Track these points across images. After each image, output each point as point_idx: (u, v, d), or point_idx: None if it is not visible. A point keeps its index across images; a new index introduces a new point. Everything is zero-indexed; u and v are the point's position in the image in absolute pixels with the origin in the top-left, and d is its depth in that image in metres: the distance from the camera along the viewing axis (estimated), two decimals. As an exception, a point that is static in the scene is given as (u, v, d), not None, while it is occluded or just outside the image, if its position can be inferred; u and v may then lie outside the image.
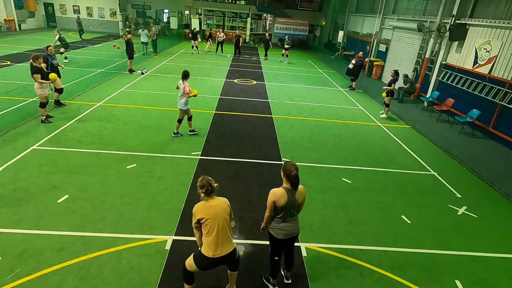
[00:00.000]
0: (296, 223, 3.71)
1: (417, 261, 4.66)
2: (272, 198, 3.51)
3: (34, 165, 6.19)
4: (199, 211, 3.26)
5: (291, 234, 3.67)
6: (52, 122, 8.25)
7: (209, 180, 3.31)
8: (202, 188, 3.27)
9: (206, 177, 3.33)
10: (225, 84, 13.79)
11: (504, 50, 9.65)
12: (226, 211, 3.37)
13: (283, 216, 3.59)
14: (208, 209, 3.26)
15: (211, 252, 3.25)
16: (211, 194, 3.31)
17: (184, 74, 7.51)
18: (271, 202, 3.53)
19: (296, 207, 3.65)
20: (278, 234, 3.65)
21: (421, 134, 9.83)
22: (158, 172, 6.33)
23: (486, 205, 6.34)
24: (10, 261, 4.00)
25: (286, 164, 3.55)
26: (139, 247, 4.42)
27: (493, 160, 8.48)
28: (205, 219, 3.24)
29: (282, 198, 3.48)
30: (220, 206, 3.33)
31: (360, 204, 5.90)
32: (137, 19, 29.10)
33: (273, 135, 8.73)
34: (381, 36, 18.87)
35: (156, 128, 8.48)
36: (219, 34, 21.30)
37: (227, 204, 3.43)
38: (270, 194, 3.53)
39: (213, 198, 3.34)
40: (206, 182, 3.27)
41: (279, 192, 3.50)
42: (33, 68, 7.73)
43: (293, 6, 30.18)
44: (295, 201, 3.56)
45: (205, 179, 3.30)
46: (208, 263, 3.31)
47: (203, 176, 3.36)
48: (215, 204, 3.31)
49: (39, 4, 26.85)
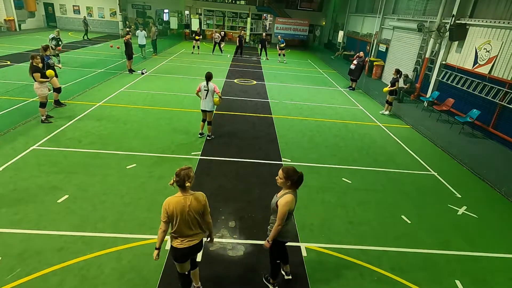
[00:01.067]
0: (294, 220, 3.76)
1: (417, 261, 4.66)
2: (288, 206, 3.36)
3: (34, 165, 6.19)
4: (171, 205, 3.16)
5: (296, 236, 3.72)
6: (52, 122, 8.26)
7: (187, 175, 3.17)
8: (177, 176, 3.17)
9: (187, 171, 3.20)
10: (225, 84, 13.79)
11: (504, 50, 9.65)
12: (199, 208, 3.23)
13: (289, 219, 3.56)
14: (179, 204, 3.16)
15: (178, 242, 3.26)
16: (184, 189, 3.18)
17: (208, 76, 7.40)
18: (286, 212, 3.37)
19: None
20: (288, 236, 3.63)
21: (421, 134, 9.83)
22: (158, 172, 6.33)
23: (486, 205, 6.34)
24: (10, 261, 4.00)
25: (289, 170, 3.39)
26: (139, 247, 4.42)
27: (493, 160, 8.48)
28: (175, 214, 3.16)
29: (293, 203, 3.44)
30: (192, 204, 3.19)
31: (360, 204, 5.91)
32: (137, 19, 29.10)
33: (273, 135, 8.73)
34: (381, 36, 18.87)
35: (156, 128, 8.48)
36: (215, 34, 21.20)
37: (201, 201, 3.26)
38: (286, 204, 3.34)
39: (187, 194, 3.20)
40: (183, 175, 3.16)
41: (292, 200, 3.40)
42: (33, 67, 7.72)
43: (293, 6, 30.18)
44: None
45: (185, 171, 3.18)
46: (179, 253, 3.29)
47: (189, 168, 3.25)
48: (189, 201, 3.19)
49: (39, 4, 26.85)
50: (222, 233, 4.87)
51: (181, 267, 3.42)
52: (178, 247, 3.26)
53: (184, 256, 3.34)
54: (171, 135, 8.13)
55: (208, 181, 6.21)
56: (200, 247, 3.44)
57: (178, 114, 9.68)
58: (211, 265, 4.24)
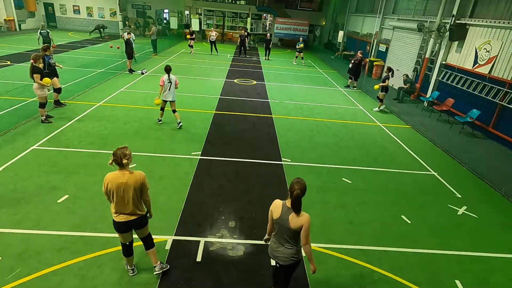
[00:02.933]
0: (286, 251, 3.22)
1: (417, 261, 4.66)
2: (271, 206, 3.26)
3: (34, 165, 6.19)
4: (108, 181, 3.52)
5: (275, 258, 3.30)
6: (52, 122, 8.26)
7: (123, 153, 3.48)
8: (114, 155, 3.48)
9: (123, 149, 3.51)
10: (225, 84, 13.79)
11: (504, 50, 9.65)
12: (135, 186, 3.54)
13: (276, 234, 3.26)
14: (114, 180, 3.50)
15: (115, 216, 3.62)
16: (122, 167, 3.51)
17: (168, 69, 8.23)
18: (270, 211, 3.28)
19: (288, 232, 3.15)
20: (269, 247, 3.41)
21: (421, 134, 9.83)
22: (158, 172, 6.33)
23: (486, 205, 6.34)
24: (10, 261, 4.00)
25: (294, 181, 3.14)
26: (139, 247, 4.41)
27: (493, 160, 8.48)
28: (111, 189, 3.51)
29: (277, 210, 3.19)
30: (128, 181, 3.51)
31: (360, 204, 5.91)
32: (138, 19, 29.10)
33: (273, 135, 8.73)
34: (381, 36, 18.87)
35: (156, 128, 8.48)
36: (211, 33, 21.09)
37: (138, 180, 3.56)
38: (273, 203, 3.29)
39: (125, 172, 3.53)
40: (120, 154, 3.47)
41: (276, 203, 3.23)
42: (34, 68, 7.71)
43: (293, 6, 30.18)
44: (287, 222, 3.10)
45: (121, 150, 3.49)
46: (116, 226, 3.66)
47: (125, 147, 3.56)
48: (124, 179, 3.51)
49: (39, 4, 26.85)
50: (222, 233, 4.87)
51: (121, 237, 3.76)
52: (115, 219, 3.64)
53: (119, 229, 3.67)
54: (171, 135, 8.13)
55: (208, 181, 6.21)
56: (138, 224, 3.72)
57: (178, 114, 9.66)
58: (211, 265, 4.24)
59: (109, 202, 3.64)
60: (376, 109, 11.95)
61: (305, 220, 3.13)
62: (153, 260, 3.96)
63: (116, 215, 3.61)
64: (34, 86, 7.90)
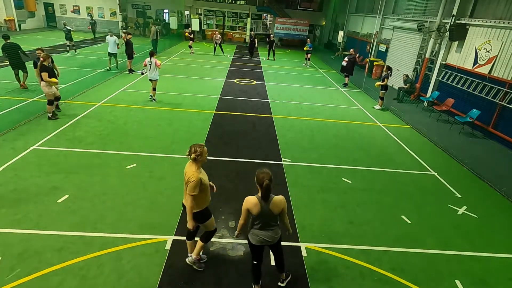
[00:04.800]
0: (274, 232, 3.55)
1: (417, 261, 4.66)
2: (245, 205, 3.41)
3: (34, 165, 6.19)
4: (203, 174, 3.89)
5: (265, 243, 3.55)
6: (58, 118, 8.38)
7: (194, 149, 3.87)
8: (194, 152, 3.85)
9: (196, 147, 3.90)
10: (225, 84, 13.79)
11: (504, 50, 9.65)
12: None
13: (260, 225, 3.49)
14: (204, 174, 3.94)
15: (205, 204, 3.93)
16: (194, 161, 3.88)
17: (151, 53, 10.22)
18: (245, 210, 3.42)
19: (272, 217, 3.46)
20: (253, 239, 3.58)
21: (421, 134, 9.83)
22: (158, 172, 6.33)
23: (486, 205, 6.34)
24: (10, 261, 4.00)
25: (258, 173, 3.40)
26: (139, 247, 4.42)
27: (493, 160, 8.48)
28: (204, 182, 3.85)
29: (255, 207, 3.37)
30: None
31: (360, 204, 5.90)
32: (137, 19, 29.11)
33: (273, 135, 8.73)
34: (381, 36, 18.87)
35: (156, 128, 8.48)
36: (216, 36, 21.17)
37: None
38: (244, 201, 3.43)
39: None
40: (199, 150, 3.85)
41: (252, 201, 3.39)
42: (42, 66, 7.91)
43: (293, 6, 30.20)
44: (269, 211, 3.40)
45: (200, 147, 3.90)
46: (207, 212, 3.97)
47: (201, 145, 3.93)
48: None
49: (39, 4, 26.85)
50: (222, 233, 4.87)
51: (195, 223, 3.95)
52: (204, 208, 3.95)
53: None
54: (171, 135, 8.13)
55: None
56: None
57: (178, 114, 9.68)
58: (211, 265, 4.24)
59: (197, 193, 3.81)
60: (378, 108, 12.13)
61: (283, 202, 3.50)
62: (195, 250, 4.09)
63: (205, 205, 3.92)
64: (41, 84, 8.01)
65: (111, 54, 14.23)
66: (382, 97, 12.00)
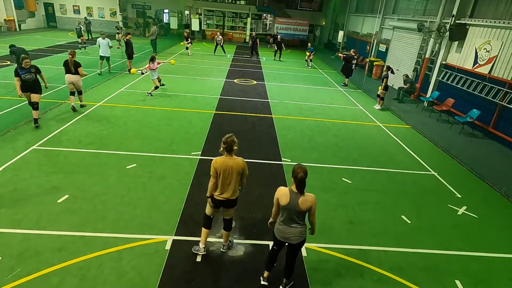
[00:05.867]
0: (296, 231, 3.55)
1: (417, 261, 4.66)
2: (277, 194, 3.55)
3: (34, 165, 6.19)
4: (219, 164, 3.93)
5: (286, 239, 3.61)
6: (77, 110, 9.12)
7: (233, 140, 3.93)
8: (225, 144, 3.91)
9: (233, 138, 3.97)
10: (225, 84, 13.79)
11: (504, 50, 9.65)
12: (238, 170, 3.98)
13: (284, 218, 3.56)
14: (223, 163, 3.93)
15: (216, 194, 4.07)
16: (231, 152, 3.94)
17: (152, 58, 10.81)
18: (276, 198, 3.57)
19: (298, 214, 3.49)
20: (276, 233, 3.69)
21: (421, 134, 9.83)
22: (158, 172, 6.33)
23: (486, 205, 6.34)
24: (10, 261, 4.00)
25: (295, 166, 3.50)
26: (139, 247, 4.42)
27: (493, 160, 8.48)
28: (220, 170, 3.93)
29: (284, 197, 3.47)
30: (234, 165, 3.95)
31: (360, 204, 5.90)
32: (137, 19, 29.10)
33: (273, 135, 8.73)
34: (381, 36, 18.87)
35: (156, 128, 8.48)
36: (217, 37, 21.15)
37: (241, 165, 4.00)
38: (277, 190, 3.57)
39: (233, 158, 3.97)
40: (231, 141, 3.91)
41: (283, 190, 3.51)
42: (76, 63, 8.84)
43: (293, 6, 30.21)
44: (297, 206, 3.42)
45: (231, 138, 3.94)
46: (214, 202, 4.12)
47: (232, 135, 4.00)
48: (232, 162, 3.95)
49: (39, 4, 26.86)
50: (222, 233, 4.86)
51: (209, 210, 4.21)
52: (215, 197, 4.07)
53: (216, 205, 4.13)
54: (171, 135, 8.13)
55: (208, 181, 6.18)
56: (232, 204, 4.16)
57: (178, 114, 9.69)
58: (211, 265, 4.24)
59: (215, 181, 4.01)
60: (378, 107, 12.15)
61: (313, 201, 3.51)
62: (224, 240, 4.45)
63: (219, 194, 4.03)
64: (75, 79, 8.89)
65: (103, 57, 13.38)
66: (383, 97, 12.03)
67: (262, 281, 3.97)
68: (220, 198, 4.06)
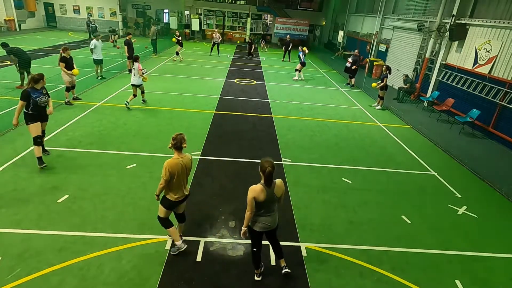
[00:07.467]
0: (274, 217, 3.79)
1: (417, 261, 4.66)
2: (252, 194, 3.57)
3: (34, 165, 6.18)
4: (171, 166, 3.90)
5: (268, 228, 3.77)
6: (73, 104, 9.47)
7: (183, 138, 3.98)
8: (174, 140, 3.95)
9: (183, 136, 3.99)
10: (225, 84, 13.79)
11: (504, 50, 9.65)
12: (189, 165, 4.09)
13: (264, 211, 3.69)
14: (177, 165, 3.93)
15: (174, 196, 4.06)
16: (180, 150, 3.98)
17: (134, 58, 9.64)
18: (251, 199, 3.58)
19: (275, 202, 3.72)
20: (256, 226, 3.76)
21: (421, 134, 9.83)
22: (158, 172, 6.28)
23: (486, 205, 6.34)
24: (10, 261, 4.00)
25: (262, 161, 3.64)
26: (139, 247, 4.42)
27: (493, 160, 8.48)
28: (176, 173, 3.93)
29: (261, 193, 3.56)
30: (186, 163, 4.05)
31: (360, 204, 5.90)
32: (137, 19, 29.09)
33: (273, 135, 8.72)
34: (381, 36, 18.87)
35: (156, 128, 8.48)
36: (215, 35, 21.08)
37: (190, 159, 4.13)
38: (250, 191, 3.59)
39: (183, 155, 4.03)
40: (180, 138, 3.96)
41: (257, 189, 3.58)
42: (61, 57, 9.19)
43: (293, 6, 30.17)
44: (274, 195, 3.64)
45: (180, 135, 3.98)
46: (172, 204, 4.12)
47: (182, 133, 4.02)
48: (184, 161, 4.02)
49: (39, 4, 26.84)
50: (222, 233, 4.87)
51: (166, 213, 4.18)
52: (172, 200, 4.06)
53: (174, 206, 4.16)
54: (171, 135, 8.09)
55: (209, 181, 6.20)
56: (185, 200, 4.26)
57: (178, 114, 9.69)
58: (211, 265, 4.24)
59: (164, 186, 3.99)
60: (378, 107, 12.17)
61: (281, 184, 3.76)
62: (179, 231, 4.49)
63: (176, 196, 4.04)
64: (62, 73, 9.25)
65: (97, 62, 12.43)
66: (382, 96, 12.05)
67: (256, 277, 4.07)
68: (179, 198, 4.09)
